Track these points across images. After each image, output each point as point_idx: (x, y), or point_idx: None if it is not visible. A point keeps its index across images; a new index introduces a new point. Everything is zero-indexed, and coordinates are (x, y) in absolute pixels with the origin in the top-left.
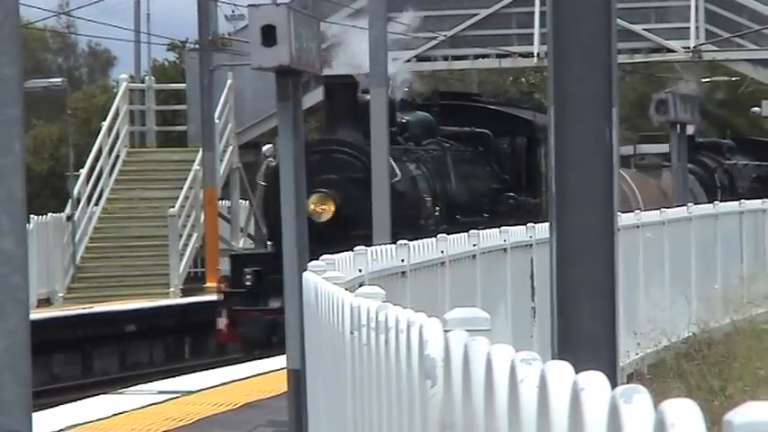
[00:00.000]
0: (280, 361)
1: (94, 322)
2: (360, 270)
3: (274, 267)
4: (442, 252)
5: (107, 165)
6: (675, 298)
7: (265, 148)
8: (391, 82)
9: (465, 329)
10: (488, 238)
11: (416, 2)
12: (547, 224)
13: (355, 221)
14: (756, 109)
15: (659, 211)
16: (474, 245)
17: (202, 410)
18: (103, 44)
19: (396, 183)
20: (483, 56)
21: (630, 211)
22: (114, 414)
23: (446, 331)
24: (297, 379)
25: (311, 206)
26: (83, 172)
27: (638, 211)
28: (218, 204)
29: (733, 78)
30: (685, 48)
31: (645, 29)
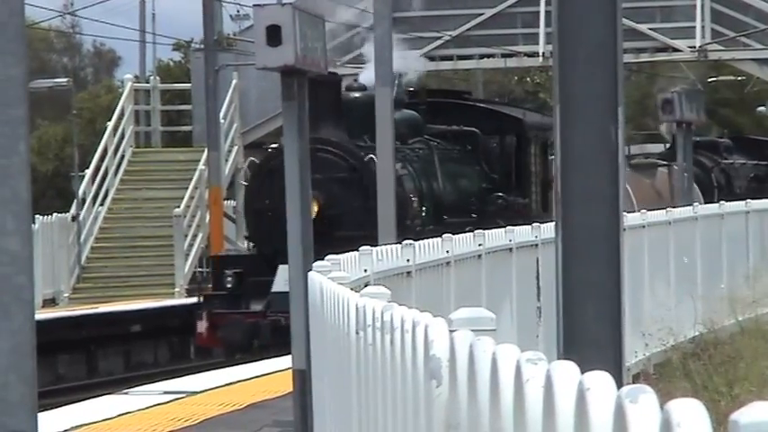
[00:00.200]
0: (285, 361)
1: (99, 322)
2: (365, 270)
3: (256, 269)
4: (448, 252)
5: (112, 165)
6: (681, 297)
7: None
8: (397, 80)
9: (470, 329)
10: (494, 238)
11: (422, 2)
12: (548, 224)
13: (339, 222)
14: (762, 108)
15: (665, 211)
16: (479, 245)
17: (208, 411)
18: (108, 44)
19: None
20: (488, 55)
21: (625, 212)
22: (119, 414)
23: (451, 331)
24: (302, 379)
25: None
26: (88, 172)
27: (643, 211)
28: (223, 204)
29: (739, 78)
30: (691, 47)
31: (650, 28)
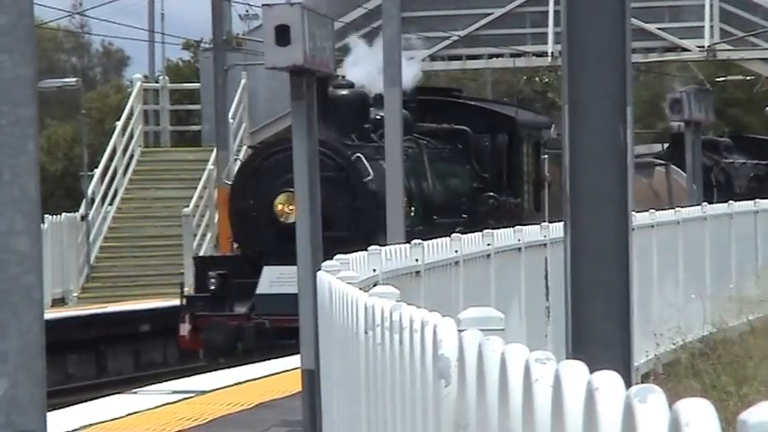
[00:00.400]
0: (293, 361)
1: (108, 322)
2: (374, 270)
3: (240, 271)
4: (456, 252)
5: (121, 164)
6: (690, 297)
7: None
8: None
9: (479, 329)
10: (503, 238)
11: (430, 1)
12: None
13: (326, 222)
14: None
15: (674, 211)
16: (488, 244)
17: (216, 410)
18: (117, 44)
19: (368, 182)
20: (497, 55)
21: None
22: (128, 414)
23: (460, 331)
24: (311, 379)
25: (278, 206)
26: (97, 172)
27: (651, 211)
28: None
29: (747, 77)
30: (700, 47)
31: (659, 28)
